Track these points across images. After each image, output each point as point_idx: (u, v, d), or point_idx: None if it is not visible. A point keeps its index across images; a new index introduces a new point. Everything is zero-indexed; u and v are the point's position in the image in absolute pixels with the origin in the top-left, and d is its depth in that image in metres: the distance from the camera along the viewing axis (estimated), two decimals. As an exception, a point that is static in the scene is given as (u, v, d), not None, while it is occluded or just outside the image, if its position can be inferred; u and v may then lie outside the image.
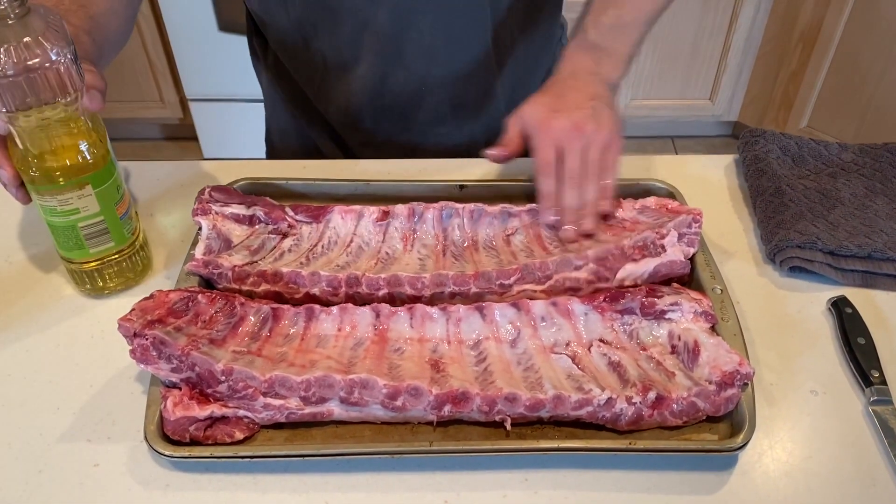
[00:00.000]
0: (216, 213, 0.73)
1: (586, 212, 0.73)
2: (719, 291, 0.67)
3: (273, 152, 1.10)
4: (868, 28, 2.06)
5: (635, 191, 0.79)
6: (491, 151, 0.77)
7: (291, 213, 0.75)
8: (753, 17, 2.23)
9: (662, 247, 0.69)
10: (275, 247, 0.73)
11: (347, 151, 1.01)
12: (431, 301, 0.68)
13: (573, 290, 0.68)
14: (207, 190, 0.75)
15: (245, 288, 0.68)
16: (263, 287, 0.68)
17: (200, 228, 0.72)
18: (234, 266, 0.69)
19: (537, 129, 0.74)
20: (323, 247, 0.74)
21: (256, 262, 0.71)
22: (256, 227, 0.74)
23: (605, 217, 0.75)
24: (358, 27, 0.87)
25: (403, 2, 0.85)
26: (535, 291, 0.68)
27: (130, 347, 0.59)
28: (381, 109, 0.94)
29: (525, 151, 0.76)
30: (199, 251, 0.70)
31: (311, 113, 0.99)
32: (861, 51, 2.10)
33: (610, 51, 0.77)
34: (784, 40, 2.28)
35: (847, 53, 2.14)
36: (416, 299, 0.68)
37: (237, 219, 0.74)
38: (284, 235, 0.75)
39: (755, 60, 2.35)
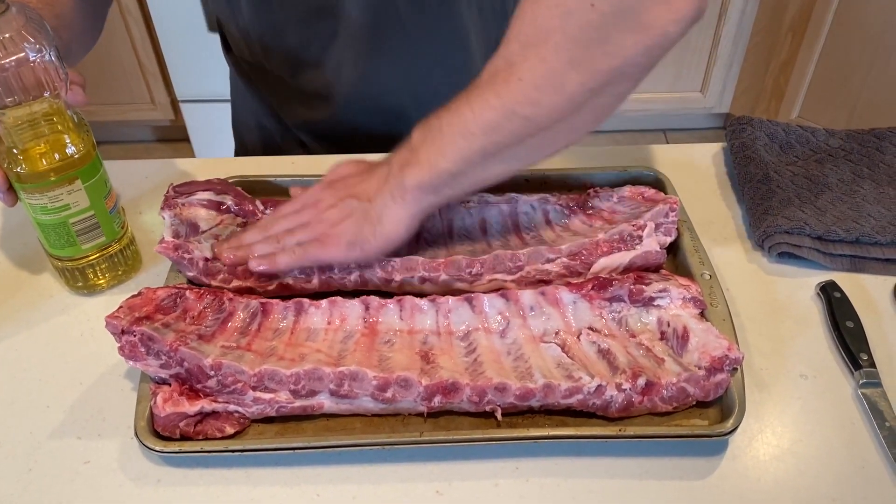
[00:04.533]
0: (182, 205, 0.72)
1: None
2: (708, 277, 0.67)
3: (241, 146, 1.09)
4: (857, 17, 2.07)
5: (624, 178, 0.79)
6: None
7: (261, 207, 0.75)
8: (743, 8, 2.23)
9: (639, 238, 0.69)
10: None
11: (307, 149, 1.01)
12: (402, 286, 0.68)
13: (544, 283, 0.68)
14: (171, 187, 0.73)
15: (214, 283, 0.68)
16: (234, 283, 0.68)
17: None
18: (206, 258, 0.68)
19: (319, 183, 0.71)
20: None
21: None
22: (224, 216, 0.73)
23: (585, 208, 0.74)
24: (304, 42, 0.87)
25: (341, 25, 0.84)
26: (506, 281, 0.68)
27: (119, 344, 0.59)
28: (333, 122, 0.94)
29: None
30: (167, 235, 0.69)
31: (273, 113, 0.99)
32: (851, 40, 2.11)
33: (420, 155, 0.64)
34: (774, 31, 2.28)
35: (837, 43, 2.14)
36: (387, 282, 0.68)
37: (204, 205, 0.72)
38: None
39: (745, 52, 2.35)
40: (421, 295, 0.67)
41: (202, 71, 2.24)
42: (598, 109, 0.59)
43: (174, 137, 2.61)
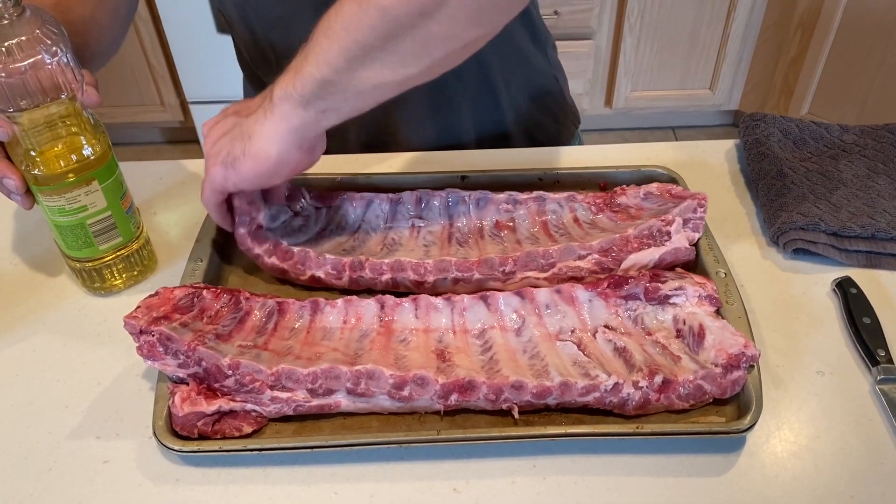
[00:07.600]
0: None
1: None
2: (723, 275, 0.67)
3: None
4: (867, 12, 2.06)
5: (637, 177, 0.79)
6: None
7: (306, 195, 0.77)
8: (752, 4, 2.22)
9: (668, 234, 0.69)
10: (286, 223, 0.74)
11: None
12: (434, 287, 0.68)
13: (576, 279, 0.68)
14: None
15: (256, 251, 0.70)
16: (272, 259, 0.70)
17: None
18: (260, 225, 0.71)
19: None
20: (330, 231, 0.75)
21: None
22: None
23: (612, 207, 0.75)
24: (293, 25, 0.85)
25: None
26: (538, 279, 0.68)
27: (137, 344, 0.59)
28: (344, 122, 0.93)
29: None
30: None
31: None
32: (861, 35, 2.10)
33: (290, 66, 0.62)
34: (783, 27, 2.27)
35: (847, 38, 2.13)
36: (419, 284, 0.68)
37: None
38: (296, 214, 0.76)
39: (754, 48, 2.35)
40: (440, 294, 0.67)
41: (211, 72, 2.25)
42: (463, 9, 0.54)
43: (183, 139, 2.62)
